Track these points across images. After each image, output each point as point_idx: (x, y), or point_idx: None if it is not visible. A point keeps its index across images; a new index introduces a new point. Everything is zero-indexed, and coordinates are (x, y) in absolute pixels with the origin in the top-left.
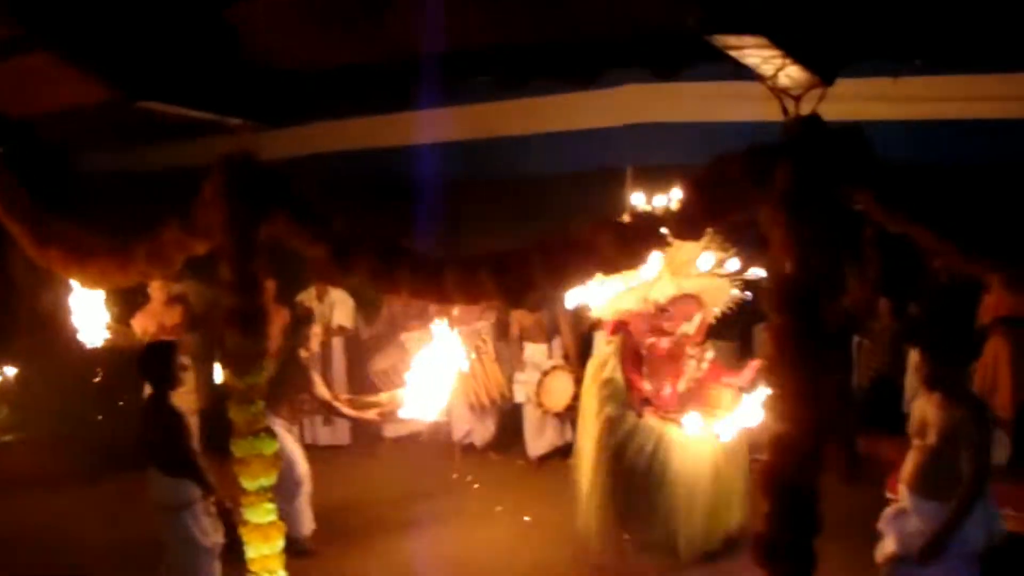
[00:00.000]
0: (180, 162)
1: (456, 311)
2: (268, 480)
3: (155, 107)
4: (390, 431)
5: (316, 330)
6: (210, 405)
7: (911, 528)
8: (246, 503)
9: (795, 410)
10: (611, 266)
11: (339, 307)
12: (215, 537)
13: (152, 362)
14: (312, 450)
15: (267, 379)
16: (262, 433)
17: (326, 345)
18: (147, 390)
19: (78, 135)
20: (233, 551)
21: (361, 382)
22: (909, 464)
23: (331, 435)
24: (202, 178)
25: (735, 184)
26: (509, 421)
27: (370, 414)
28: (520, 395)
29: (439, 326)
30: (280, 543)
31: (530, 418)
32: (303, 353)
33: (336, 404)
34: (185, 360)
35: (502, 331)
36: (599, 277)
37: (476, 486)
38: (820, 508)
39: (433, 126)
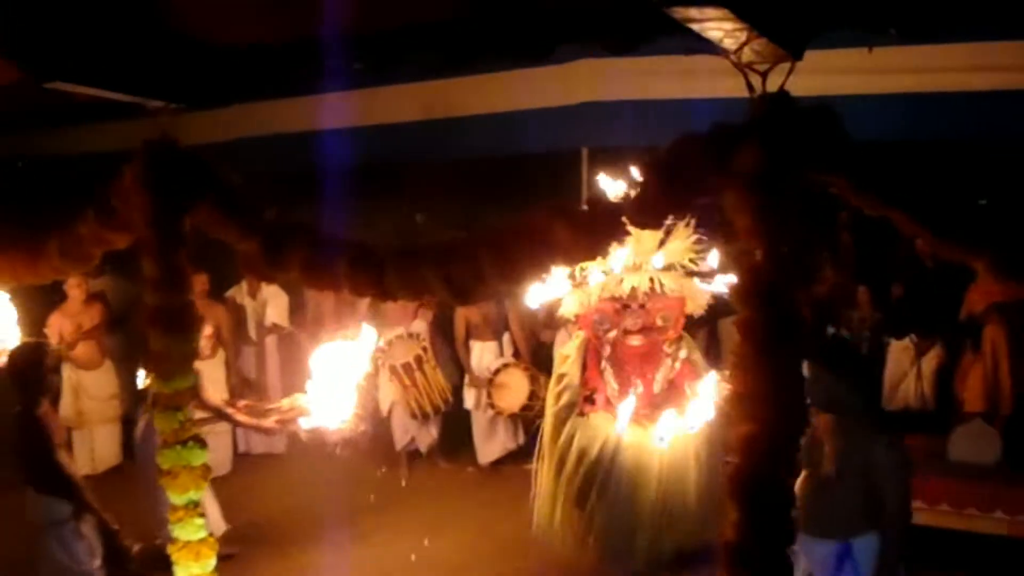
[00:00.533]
0: (96, 148)
1: (389, 309)
2: (197, 494)
3: (67, 88)
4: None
5: (207, 331)
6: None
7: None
8: (174, 519)
9: (765, 409)
10: (568, 258)
11: (272, 304)
12: (89, 563)
13: (19, 366)
14: (246, 459)
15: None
16: (191, 442)
17: (259, 345)
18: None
19: None
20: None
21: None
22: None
23: (266, 442)
24: (121, 165)
25: (697, 167)
26: (456, 425)
27: (268, 422)
28: (470, 401)
29: (366, 327)
30: (212, 561)
31: (479, 422)
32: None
33: (229, 411)
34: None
35: (443, 330)
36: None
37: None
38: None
39: (370, 107)
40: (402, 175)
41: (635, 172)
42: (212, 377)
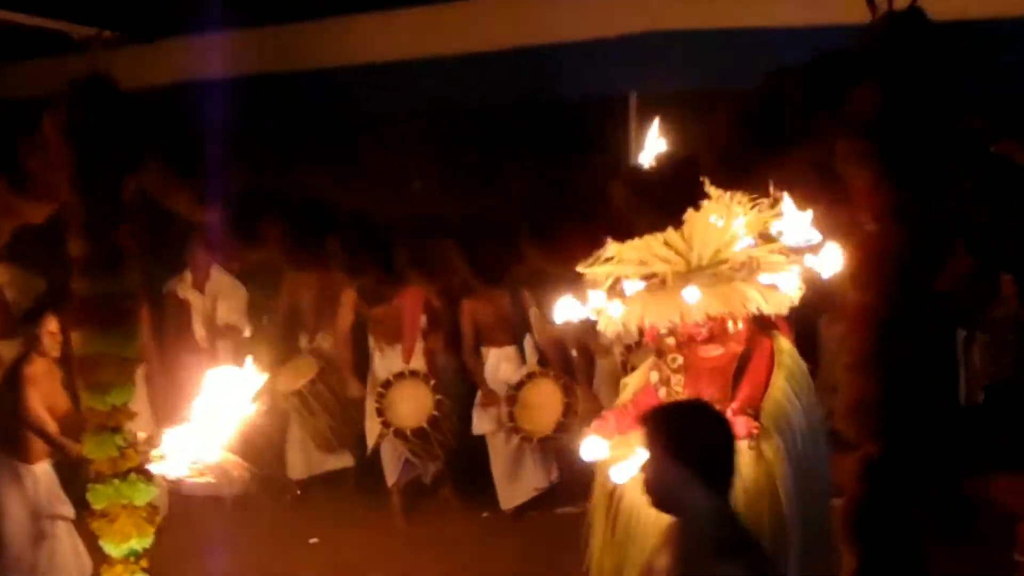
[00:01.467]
0: (7, 93)
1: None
2: (141, 542)
3: None
4: (296, 469)
5: (51, 327)
6: None
7: None
8: None
9: (885, 423)
10: (626, 230)
11: (225, 299)
12: None
13: None
14: (194, 503)
15: None
16: (132, 475)
17: (209, 352)
18: None
19: None
20: None
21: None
22: None
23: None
24: (40, 115)
25: (799, 110)
26: (469, 458)
27: None
28: (484, 424)
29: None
30: None
31: (500, 453)
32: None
33: (59, 439)
34: None
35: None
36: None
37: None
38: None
39: (358, 40)
40: (398, 128)
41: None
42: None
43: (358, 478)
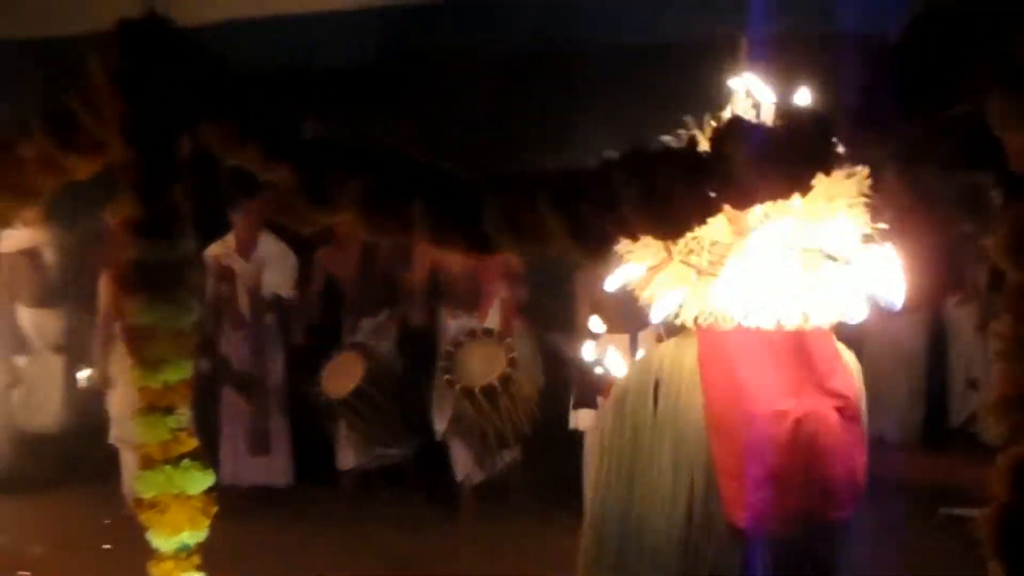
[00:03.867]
0: (48, 31)
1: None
2: (194, 536)
3: None
4: (347, 460)
5: None
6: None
7: None
8: (158, 573)
9: None
10: (746, 195)
11: (272, 268)
12: None
13: None
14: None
15: None
16: (186, 461)
17: (254, 328)
18: None
19: None
20: None
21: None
22: None
23: (264, 470)
24: (86, 56)
25: (953, 53)
26: (549, 451)
27: None
28: (585, 420)
29: None
30: None
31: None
32: None
33: None
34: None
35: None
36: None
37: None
38: None
39: None
40: (479, 67)
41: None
42: None
43: (417, 468)
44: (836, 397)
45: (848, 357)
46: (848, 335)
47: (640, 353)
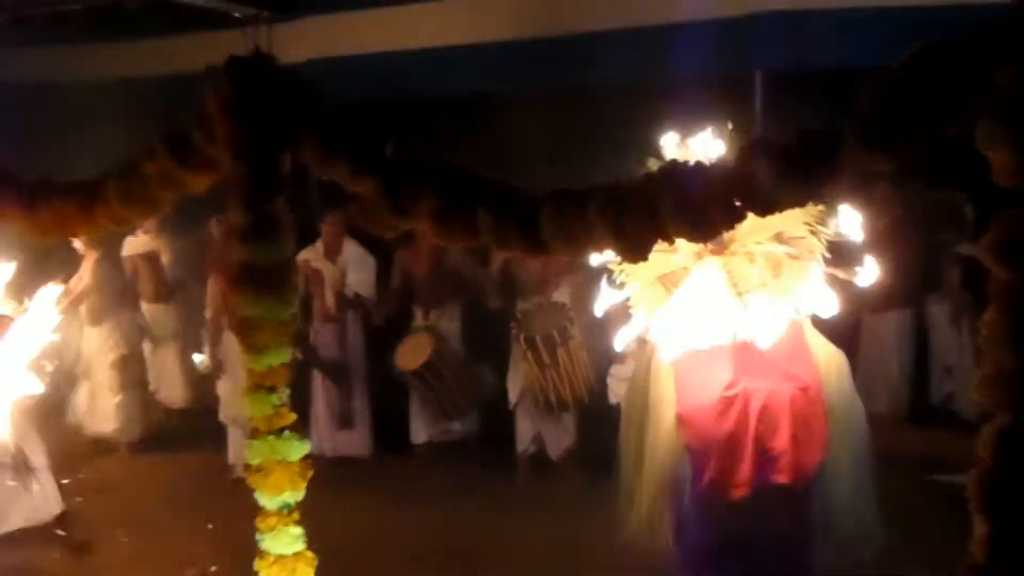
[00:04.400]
0: (169, 68)
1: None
2: (294, 495)
3: None
4: (419, 435)
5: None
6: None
7: None
8: (264, 527)
9: (1021, 398)
10: (767, 204)
11: (355, 269)
12: None
13: None
14: (318, 464)
15: None
16: (287, 432)
17: (339, 321)
18: None
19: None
20: None
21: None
22: None
23: (347, 443)
24: (201, 89)
25: (948, 84)
26: (599, 427)
27: None
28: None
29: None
30: None
31: None
32: None
33: None
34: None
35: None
36: None
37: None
38: None
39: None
40: (520, 105)
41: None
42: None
43: (481, 446)
44: (795, 381)
45: (824, 350)
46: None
47: None
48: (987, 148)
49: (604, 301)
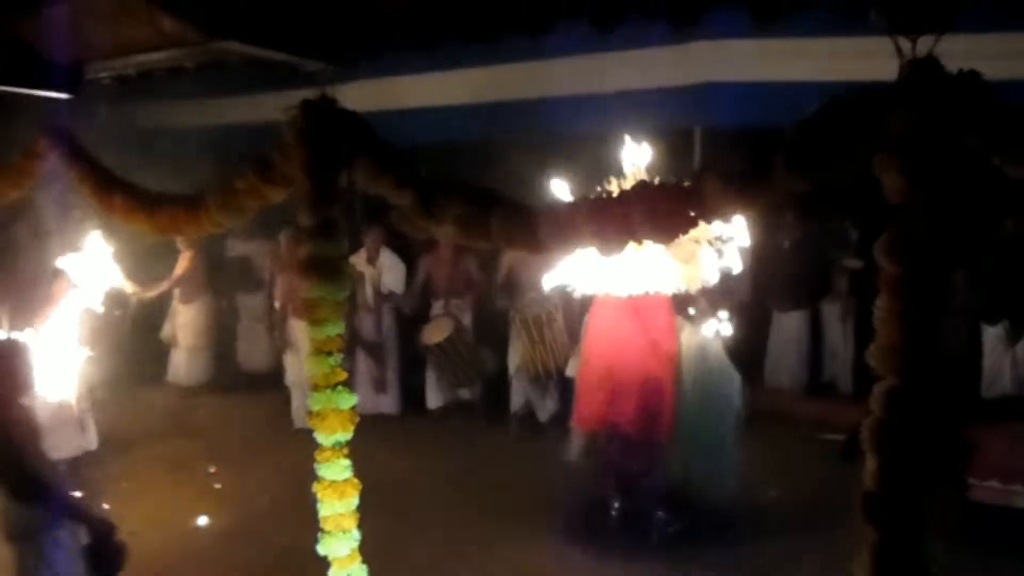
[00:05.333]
0: (253, 119)
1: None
2: (344, 435)
3: (231, 46)
4: (435, 401)
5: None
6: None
7: None
8: (321, 459)
9: (905, 363)
10: (716, 213)
11: (389, 271)
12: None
13: None
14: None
15: None
16: (340, 387)
17: (376, 312)
18: None
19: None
20: None
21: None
22: None
23: (382, 403)
24: (277, 134)
25: (847, 128)
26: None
27: None
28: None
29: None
30: (355, 500)
31: None
32: None
33: None
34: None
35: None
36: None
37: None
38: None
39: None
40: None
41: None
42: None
43: (483, 408)
44: (654, 344)
45: (688, 330)
46: (762, 322)
47: None
48: (882, 174)
49: (553, 279)
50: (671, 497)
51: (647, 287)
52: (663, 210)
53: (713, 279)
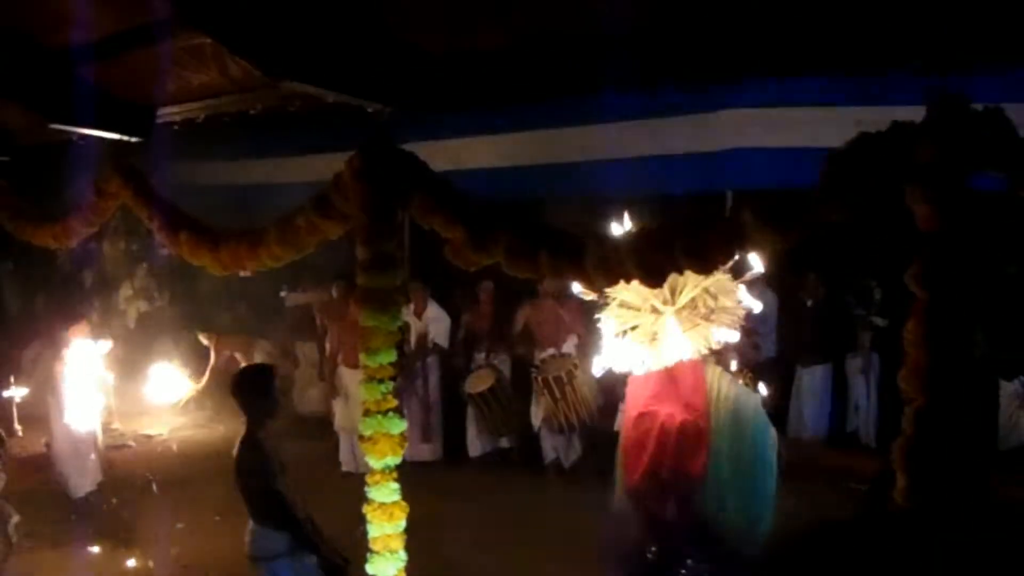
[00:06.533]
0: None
1: (541, 332)
2: (394, 459)
3: (296, 88)
4: (475, 449)
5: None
6: None
7: None
8: (371, 482)
9: (937, 384)
10: (753, 244)
11: (435, 324)
12: None
13: (247, 387)
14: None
15: None
16: (391, 413)
17: (423, 360)
18: None
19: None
20: None
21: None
22: None
23: (426, 451)
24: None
25: (878, 160)
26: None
27: None
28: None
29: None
30: (402, 523)
31: None
32: None
33: None
34: None
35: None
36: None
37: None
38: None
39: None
40: (549, 214)
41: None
42: None
43: (521, 456)
44: (684, 400)
45: (719, 385)
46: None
47: None
48: (912, 203)
49: (601, 363)
50: (703, 542)
51: (672, 357)
52: (702, 241)
53: (733, 338)
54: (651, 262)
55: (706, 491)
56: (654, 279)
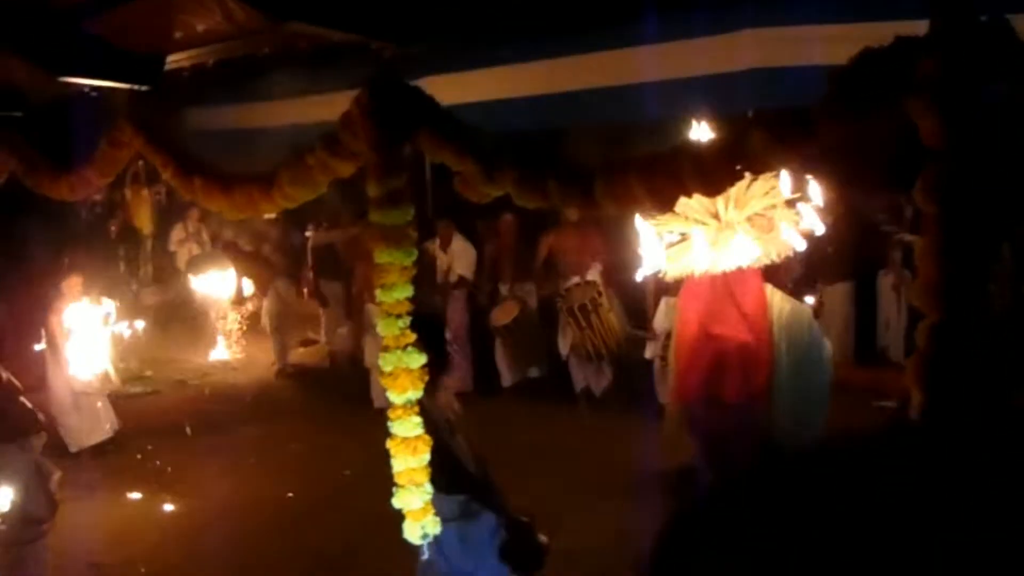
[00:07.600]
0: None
1: (565, 262)
2: (415, 393)
3: (301, 29)
4: (506, 379)
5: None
6: None
7: None
8: (393, 417)
9: (951, 300)
10: (762, 165)
11: (460, 257)
12: (465, 568)
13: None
14: None
15: None
16: (409, 347)
17: (447, 296)
18: None
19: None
20: None
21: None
22: None
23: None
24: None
25: (882, 75)
26: (628, 372)
27: None
28: (649, 351)
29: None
30: (426, 456)
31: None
32: None
33: None
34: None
35: (615, 282)
36: None
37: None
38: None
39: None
40: (564, 140)
41: None
42: None
43: (550, 384)
44: (746, 319)
45: (779, 303)
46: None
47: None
48: (917, 118)
49: (647, 267)
50: (763, 461)
51: (736, 262)
52: (711, 164)
53: (799, 246)
54: (659, 187)
55: (769, 411)
56: (663, 206)
